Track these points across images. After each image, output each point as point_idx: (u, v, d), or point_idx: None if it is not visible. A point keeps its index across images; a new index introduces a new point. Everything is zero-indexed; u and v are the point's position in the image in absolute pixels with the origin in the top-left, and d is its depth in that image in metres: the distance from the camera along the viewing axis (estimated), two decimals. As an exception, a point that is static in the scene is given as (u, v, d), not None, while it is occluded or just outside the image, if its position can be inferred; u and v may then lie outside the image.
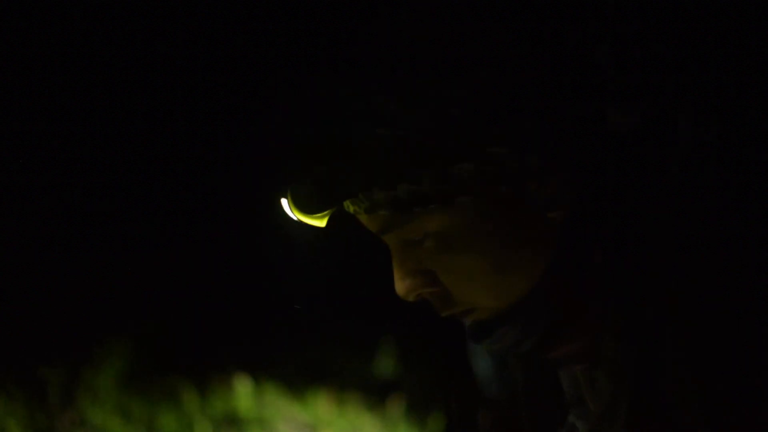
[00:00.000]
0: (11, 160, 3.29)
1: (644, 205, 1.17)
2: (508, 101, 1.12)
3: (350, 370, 3.74)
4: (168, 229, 3.59)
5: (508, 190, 1.13)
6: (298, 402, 3.63)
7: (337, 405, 3.65)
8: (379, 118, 1.13)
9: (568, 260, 1.18)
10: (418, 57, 1.14)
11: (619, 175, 1.16)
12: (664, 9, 1.19)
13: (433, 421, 3.63)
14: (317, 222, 1.18)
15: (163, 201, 3.48)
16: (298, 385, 3.65)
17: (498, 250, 1.15)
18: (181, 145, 3.20)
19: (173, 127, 3.15)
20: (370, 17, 1.17)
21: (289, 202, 1.17)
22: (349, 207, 1.18)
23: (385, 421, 3.66)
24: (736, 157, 1.17)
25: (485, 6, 1.15)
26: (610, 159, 1.16)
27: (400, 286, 1.19)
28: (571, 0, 1.16)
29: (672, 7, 1.19)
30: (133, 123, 3.23)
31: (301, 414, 3.61)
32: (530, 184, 1.14)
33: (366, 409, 3.66)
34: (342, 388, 3.68)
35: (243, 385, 3.60)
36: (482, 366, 1.37)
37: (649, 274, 1.16)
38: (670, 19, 1.19)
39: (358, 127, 1.14)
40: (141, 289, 3.60)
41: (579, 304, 1.18)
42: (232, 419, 3.55)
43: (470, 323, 1.21)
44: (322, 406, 3.64)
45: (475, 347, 1.35)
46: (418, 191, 1.13)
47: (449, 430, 3.61)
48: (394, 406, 3.66)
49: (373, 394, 3.68)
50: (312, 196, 1.15)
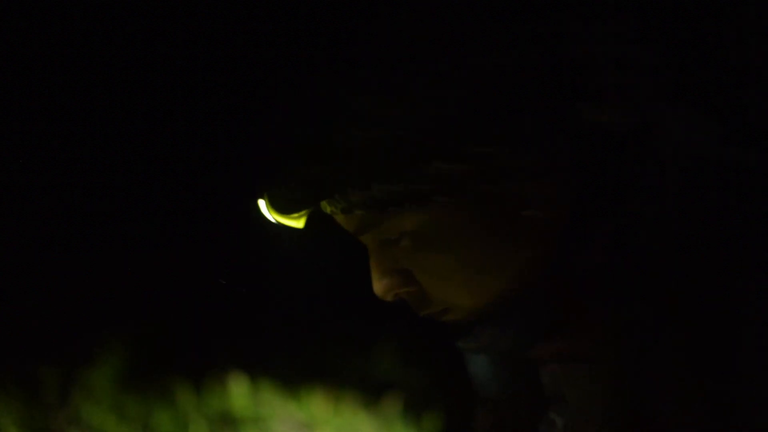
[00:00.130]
0: (9, 160, 3.29)
1: (631, 206, 1.16)
2: (482, 100, 1.12)
3: (347, 368, 3.74)
4: (164, 228, 3.59)
5: (483, 189, 1.13)
6: (294, 401, 3.63)
7: (334, 404, 3.65)
8: (355, 118, 1.13)
9: (547, 261, 1.17)
10: (395, 57, 1.14)
11: (605, 175, 1.16)
12: (657, 8, 1.19)
13: (430, 421, 3.63)
14: (295, 223, 1.18)
15: (159, 200, 3.48)
16: (294, 383, 3.65)
17: (473, 250, 1.15)
18: (177, 145, 3.19)
19: (171, 127, 3.15)
20: (348, 17, 1.16)
21: (266, 203, 1.17)
22: (326, 207, 1.18)
23: (382, 420, 3.65)
24: (732, 157, 1.17)
25: (467, 3, 1.15)
26: (596, 158, 1.16)
27: (378, 285, 1.20)
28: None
29: (666, 6, 1.19)
30: (130, 122, 3.22)
31: (298, 413, 3.61)
32: (506, 183, 1.13)
33: (362, 408, 3.66)
34: (338, 387, 3.68)
35: (239, 384, 3.60)
36: (478, 365, 1.38)
37: (634, 276, 1.16)
38: (665, 19, 1.19)
39: (334, 128, 1.14)
40: (137, 288, 3.60)
41: (556, 305, 1.18)
42: (228, 418, 3.55)
43: (448, 323, 1.21)
44: (319, 404, 3.63)
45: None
46: (393, 190, 1.13)
47: (446, 430, 3.61)
48: (391, 405, 3.66)
49: (370, 393, 3.67)
50: (288, 197, 1.16)
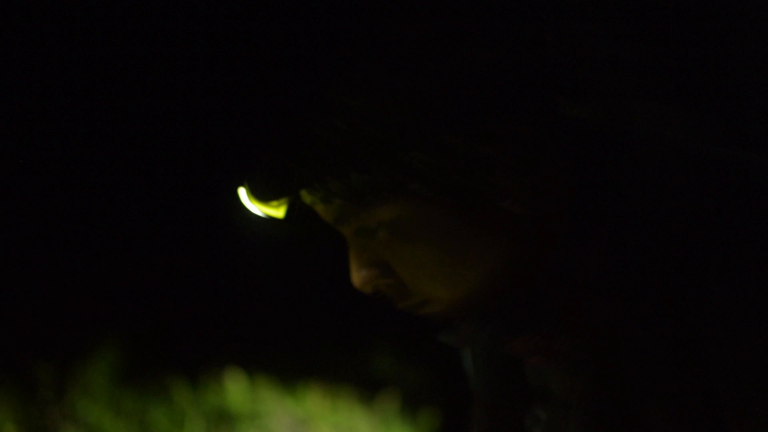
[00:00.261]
0: (7, 160, 3.29)
1: (613, 203, 1.16)
2: (461, 94, 1.12)
3: (343, 365, 3.74)
4: (160, 225, 3.59)
5: (461, 181, 1.13)
6: (291, 397, 3.63)
7: (330, 400, 3.65)
8: (334, 108, 1.13)
9: (527, 257, 1.17)
10: (375, 49, 1.14)
11: (587, 172, 1.16)
12: (639, 6, 1.19)
13: (427, 416, 3.63)
14: (275, 212, 1.18)
15: (155, 198, 3.48)
16: (291, 380, 3.65)
17: (451, 242, 1.15)
18: (173, 143, 3.19)
19: (168, 126, 3.15)
20: (326, 9, 1.16)
21: (246, 191, 1.17)
22: (306, 197, 1.18)
23: (379, 417, 3.65)
24: (715, 154, 1.16)
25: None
26: (576, 155, 1.15)
27: (356, 277, 1.19)
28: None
29: (648, 4, 1.19)
30: (119, 122, 3.22)
31: (294, 409, 3.61)
32: (483, 176, 1.13)
33: (359, 405, 3.66)
34: (335, 384, 3.68)
35: (235, 381, 3.60)
36: (467, 361, 1.37)
37: (616, 273, 1.16)
38: (647, 16, 1.18)
39: (313, 117, 1.13)
40: (134, 285, 3.60)
41: (536, 300, 1.18)
42: (225, 414, 3.55)
43: (427, 316, 1.21)
44: (315, 401, 3.64)
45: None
46: (371, 180, 1.13)
47: (442, 425, 3.61)
48: (388, 402, 3.66)
49: (367, 390, 3.68)
50: (268, 185, 1.15)
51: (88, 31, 3.00)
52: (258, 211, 1.20)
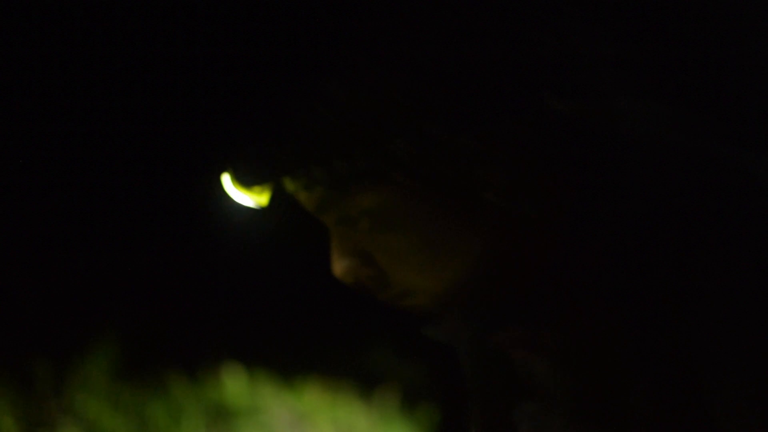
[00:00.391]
0: (7, 159, 3.29)
1: (601, 198, 1.16)
2: (445, 85, 1.12)
3: (343, 360, 3.74)
4: (158, 220, 3.59)
5: (443, 170, 1.13)
6: (290, 392, 3.63)
7: (329, 395, 3.65)
8: (318, 97, 1.13)
9: (511, 248, 1.16)
10: (360, 40, 1.13)
11: (573, 166, 1.15)
12: (626, 3, 1.18)
13: (426, 412, 3.63)
14: (258, 198, 1.18)
15: (154, 193, 3.48)
16: (290, 375, 3.65)
17: (432, 232, 1.15)
18: (169, 141, 3.19)
19: (167, 122, 3.14)
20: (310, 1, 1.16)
21: (230, 176, 1.17)
22: (289, 185, 1.17)
23: (378, 412, 3.65)
24: (702, 151, 1.16)
25: None
26: (560, 149, 1.15)
27: (338, 266, 1.19)
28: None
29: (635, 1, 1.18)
30: (124, 120, 3.22)
31: (293, 404, 3.61)
32: (465, 166, 1.13)
33: (358, 400, 3.66)
34: (334, 379, 3.68)
35: (234, 376, 3.60)
36: (462, 356, 1.37)
37: (602, 269, 1.15)
38: (634, 13, 1.18)
39: (297, 104, 1.13)
40: (132, 280, 3.60)
41: (518, 292, 1.18)
42: (223, 409, 3.55)
43: (409, 309, 1.21)
44: (314, 396, 3.64)
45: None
46: (353, 167, 1.12)
47: (442, 421, 3.60)
48: (387, 397, 3.65)
49: (366, 385, 3.68)
50: (252, 169, 1.15)
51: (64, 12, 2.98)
52: (240, 199, 1.20)
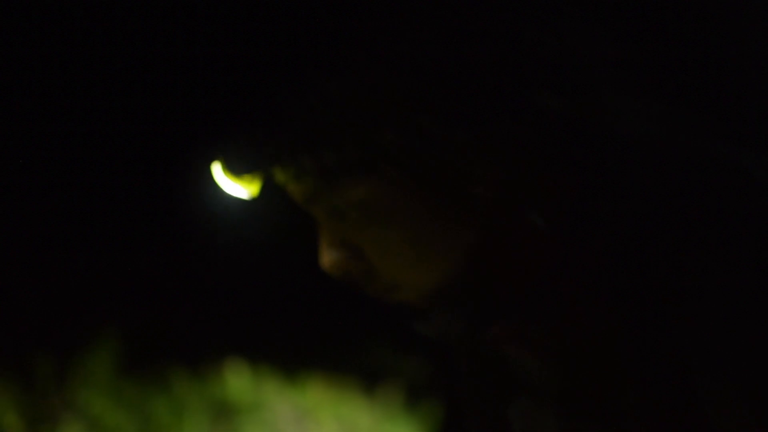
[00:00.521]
0: (8, 158, 3.30)
1: (594, 195, 1.15)
2: (437, 80, 1.11)
3: (346, 356, 3.74)
4: (163, 216, 3.59)
5: (432, 163, 1.12)
6: (293, 388, 3.63)
7: (333, 392, 3.65)
8: (309, 87, 1.13)
9: (500, 243, 1.16)
10: (353, 32, 1.13)
11: (566, 163, 1.15)
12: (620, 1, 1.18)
13: (428, 408, 3.63)
14: (249, 188, 1.18)
15: (157, 190, 3.48)
16: (293, 371, 3.65)
17: (421, 225, 1.15)
18: (167, 138, 3.19)
19: (171, 125, 3.14)
20: None
21: (220, 164, 1.17)
22: (279, 175, 1.17)
23: (381, 408, 3.65)
24: (698, 150, 1.15)
25: None
26: (552, 146, 1.14)
27: (326, 259, 1.19)
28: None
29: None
30: (124, 119, 3.22)
31: (296, 400, 3.61)
32: (455, 160, 1.12)
33: (361, 396, 3.66)
34: (337, 375, 3.68)
35: (237, 372, 3.60)
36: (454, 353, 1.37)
37: (593, 266, 1.15)
38: (628, 12, 1.18)
39: (287, 93, 1.13)
40: (135, 275, 3.61)
41: (507, 288, 1.17)
42: (226, 405, 3.55)
43: (397, 303, 1.21)
44: (317, 392, 3.63)
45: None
46: (344, 158, 1.12)
47: (445, 417, 3.60)
48: (390, 393, 3.65)
49: (369, 381, 3.68)
50: (243, 157, 1.15)
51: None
52: (231, 189, 1.20)
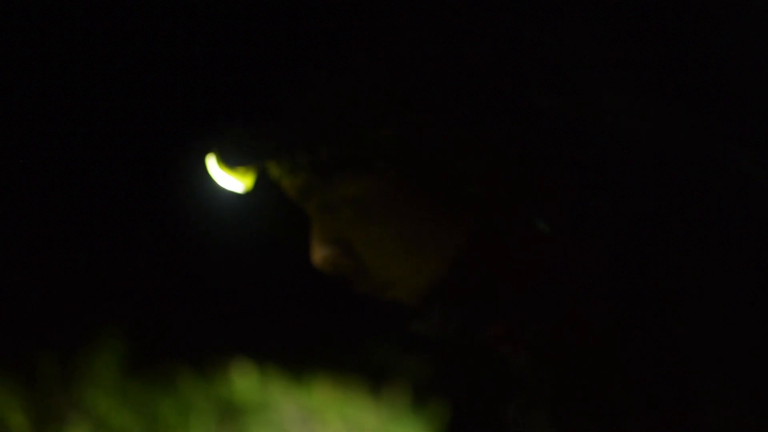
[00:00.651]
0: (9, 158, 3.30)
1: (589, 193, 1.15)
2: (432, 78, 1.11)
3: (352, 356, 3.74)
4: (168, 214, 3.60)
5: (427, 161, 1.12)
6: (299, 388, 3.63)
7: (339, 392, 3.65)
8: (306, 82, 1.13)
9: (494, 242, 1.16)
10: (348, 28, 1.13)
11: (561, 162, 1.14)
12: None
13: (435, 408, 3.62)
14: (243, 181, 1.18)
15: (162, 189, 3.48)
16: (299, 371, 3.65)
17: (414, 223, 1.15)
18: (165, 136, 3.19)
19: (169, 119, 3.14)
20: None
21: (215, 156, 1.17)
22: (273, 170, 1.17)
23: (387, 409, 3.65)
24: (695, 149, 1.15)
25: None
26: (547, 145, 1.14)
27: (317, 255, 1.19)
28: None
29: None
30: (125, 118, 3.22)
31: (302, 400, 3.61)
32: (449, 158, 1.12)
33: (368, 396, 3.66)
34: (344, 375, 3.68)
35: (243, 372, 3.60)
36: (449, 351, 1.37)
37: (590, 266, 1.15)
38: (623, 10, 1.17)
39: (285, 89, 1.13)
40: (140, 274, 3.61)
41: (501, 287, 1.17)
42: (232, 405, 3.55)
43: (390, 301, 1.20)
44: (323, 392, 3.63)
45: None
46: (338, 154, 1.12)
47: (451, 417, 3.60)
48: (397, 393, 3.65)
49: (375, 381, 3.67)
50: (237, 149, 1.14)
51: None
52: (225, 182, 1.20)
